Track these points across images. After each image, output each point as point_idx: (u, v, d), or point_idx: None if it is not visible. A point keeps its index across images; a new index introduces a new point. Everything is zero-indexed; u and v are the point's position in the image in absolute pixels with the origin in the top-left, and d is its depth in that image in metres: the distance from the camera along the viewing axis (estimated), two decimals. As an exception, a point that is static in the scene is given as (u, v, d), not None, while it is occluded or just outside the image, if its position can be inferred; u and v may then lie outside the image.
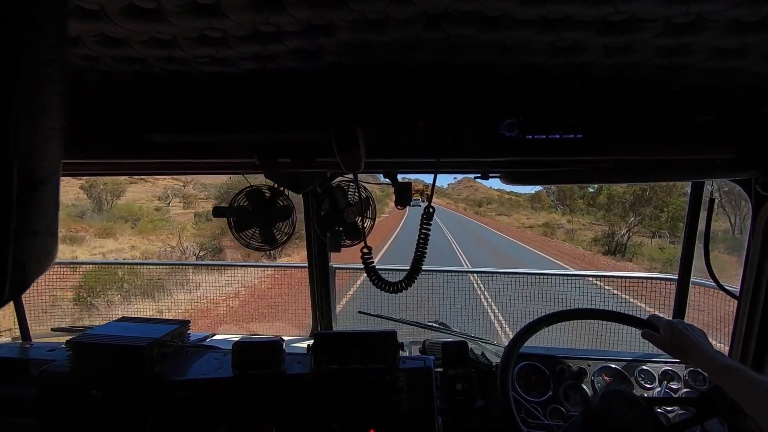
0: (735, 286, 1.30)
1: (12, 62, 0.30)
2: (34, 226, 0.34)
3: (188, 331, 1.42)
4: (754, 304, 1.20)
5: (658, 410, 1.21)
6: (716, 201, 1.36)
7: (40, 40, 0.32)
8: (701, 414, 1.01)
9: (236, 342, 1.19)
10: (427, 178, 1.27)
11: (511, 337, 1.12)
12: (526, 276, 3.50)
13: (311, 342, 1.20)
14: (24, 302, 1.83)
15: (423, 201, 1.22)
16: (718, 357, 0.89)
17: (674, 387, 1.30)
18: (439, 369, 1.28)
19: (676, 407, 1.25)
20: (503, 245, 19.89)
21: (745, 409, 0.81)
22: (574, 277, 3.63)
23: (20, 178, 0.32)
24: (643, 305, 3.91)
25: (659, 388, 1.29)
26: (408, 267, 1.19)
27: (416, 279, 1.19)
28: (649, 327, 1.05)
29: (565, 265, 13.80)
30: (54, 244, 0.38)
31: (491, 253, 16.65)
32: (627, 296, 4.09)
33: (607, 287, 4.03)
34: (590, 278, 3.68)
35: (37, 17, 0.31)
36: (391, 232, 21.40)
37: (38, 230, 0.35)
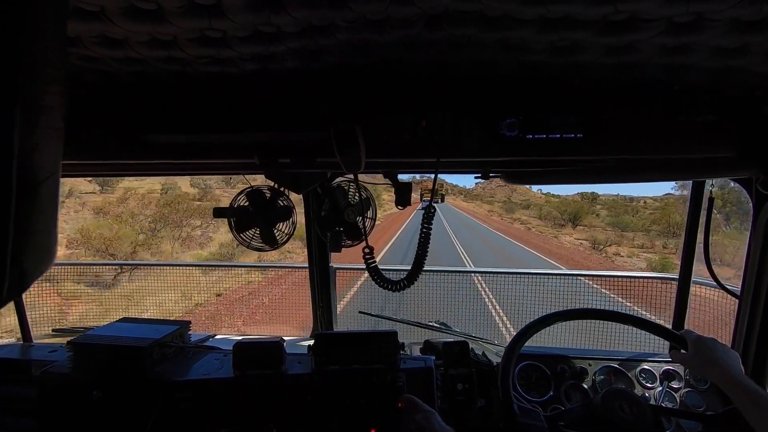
0: (736, 286, 1.30)
1: (12, 62, 0.30)
2: (33, 226, 0.34)
3: (189, 332, 1.42)
4: (755, 303, 1.20)
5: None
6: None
7: (40, 40, 0.32)
8: None
9: (237, 343, 1.19)
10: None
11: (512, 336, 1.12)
12: (528, 276, 3.50)
13: (312, 342, 1.20)
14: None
15: (437, 201, 1.19)
16: (745, 381, 0.86)
17: (675, 386, 1.30)
18: (440, 369, 1.27)
19: (676, 405, 1.25)
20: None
21: None
22: (577, 277, 3.63)
23: (19, 178, 0.32)
24: (633, 305, 3.89)
25: (660, 388, 1.29)
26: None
27: (417, 278, 1.19)
28: (679, 340, 1.04)
29: None
30: (53, 244, 0.37)
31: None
32: (617, 296, 4.06)
33: (603, 288, 4.02)
34: (586, 278, 3.69)
35: (37, 17, 0.31)
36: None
37: (37, 230, 0.35)
